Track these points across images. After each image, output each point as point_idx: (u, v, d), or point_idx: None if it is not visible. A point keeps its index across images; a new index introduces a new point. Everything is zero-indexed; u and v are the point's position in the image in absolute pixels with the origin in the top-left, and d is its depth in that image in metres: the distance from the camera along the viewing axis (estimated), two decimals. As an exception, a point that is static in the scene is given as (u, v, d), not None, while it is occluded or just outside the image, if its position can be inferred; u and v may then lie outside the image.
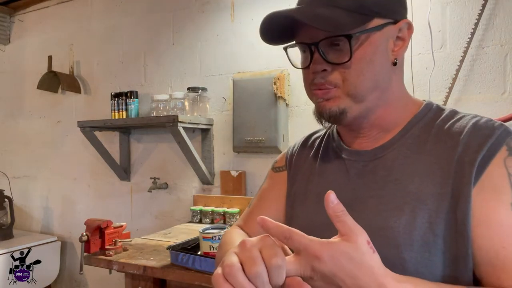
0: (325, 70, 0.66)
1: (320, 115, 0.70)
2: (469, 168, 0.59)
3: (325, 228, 0.66)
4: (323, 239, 0.51)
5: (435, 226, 0.59)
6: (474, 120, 0.64)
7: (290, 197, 0.82)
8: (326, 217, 0.58)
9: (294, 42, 0.72)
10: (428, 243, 0.59)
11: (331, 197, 0.52)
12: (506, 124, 1.57)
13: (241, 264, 0.49)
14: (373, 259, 0.51)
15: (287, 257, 0.51)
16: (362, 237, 0.50)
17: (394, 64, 0.68)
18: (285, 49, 0.73)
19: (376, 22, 0.65)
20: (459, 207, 0.59)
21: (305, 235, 0.52)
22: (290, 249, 0.56)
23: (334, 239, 0.51)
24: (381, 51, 0.66)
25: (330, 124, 0.85)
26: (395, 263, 0.59)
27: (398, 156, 0.68)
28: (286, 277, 0.50)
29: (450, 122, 0.66)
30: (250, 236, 0.82)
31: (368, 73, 0.65)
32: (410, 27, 0.69)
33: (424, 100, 0.75)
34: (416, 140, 0.68)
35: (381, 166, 0.69)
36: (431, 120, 0.69)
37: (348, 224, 0.51)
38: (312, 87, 0.69)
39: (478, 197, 0.58)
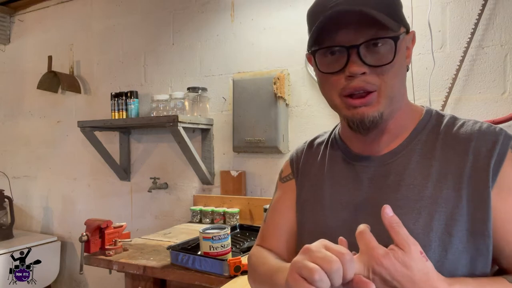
0: (364, 73, 0.66)
1: (361, 122, 0.68)
2: (484, 173, 0.65)
3: (339, 231, 0.70)
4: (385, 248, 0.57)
5: (451, 227, 0.64)
6: (477, 127, 0.69)
7: (299, 203, 0.83)
8: (341, 220, 0.66)
9: (323, 46, 0.69)
10: (444, 243, 0.64)
11: (387, 210, 0.59)
12: (507, 124, 1.57)
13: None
14: (427, 266, 0.57)
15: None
16: (415, 248, 0.56)
17: (407, 70, 0.73)
18: (314, 52, 0.70)
19: (402, 29, 0.69)
20: (478, 209, 0.64)
21: (374, 238, 0.58)
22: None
23: (391, 247, 0.57)
24: (404, 57, 0.71)
25: (333, 129, 0.87)
26: None
27: (409, 161, 0.71)
28: None
29: (455, 128, 0.71)
30: (275, 253, 0.83)
31: (400, 76, 0.70)
32: (414, 38, 0.74)
33: (423, 106, 0.78)
34: (424, 146, 0.71)
35: (393, 171, 0.71)
36: (435, 126, 0.73)
37: (401, 235, 0.57)
38: (345, 91, 0.68)
39: (498, 199, 0.64)
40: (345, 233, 0.70)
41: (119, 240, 1.64)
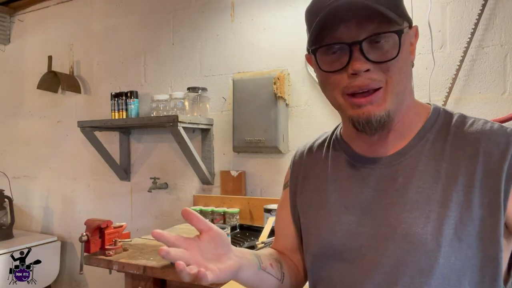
0: (368, 70, 0.63)
1: (368, 122, 0.65)
2: (496, 176, 0.61)
3: (344, 235, 0.70)
4: None
5: (460, 232, 0.61)
6: (488, 127, 0.66)
7: (296, 207, 0.83)
8: (346, 224, 0.66)
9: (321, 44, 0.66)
10: (453, 248, 0.61)
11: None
12: (507, 124, 1.57)
13: None
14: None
15: None
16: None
17: (412, 66, 0.70)
18: (315, 51, 0.67)
19: (405, 24, 0.66)
20: (490, 215, 0.61)
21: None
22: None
23: None
24: (408, 53, 0.68)
25: (333, 130, 0.85)
26: (423, 268, 0.61)
27: (417, 163, 0.67)
28: None
29: (465, 128, 0.67)
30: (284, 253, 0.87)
31: (406, 72, 0.66)
32: (417, 32, 0.71)
33: (429, 104, 0.75)
34: (432, 147, 0.68)
35: (400, 173, 0.68)
36: (443, 126, 0.69)
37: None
38: (348, 90, 0.65)
39: None
40: (350, 237, 0.69)
41: (119, 240, 1.64)
